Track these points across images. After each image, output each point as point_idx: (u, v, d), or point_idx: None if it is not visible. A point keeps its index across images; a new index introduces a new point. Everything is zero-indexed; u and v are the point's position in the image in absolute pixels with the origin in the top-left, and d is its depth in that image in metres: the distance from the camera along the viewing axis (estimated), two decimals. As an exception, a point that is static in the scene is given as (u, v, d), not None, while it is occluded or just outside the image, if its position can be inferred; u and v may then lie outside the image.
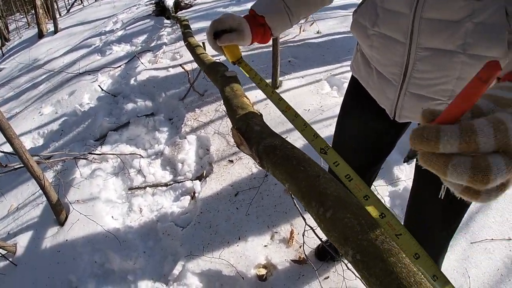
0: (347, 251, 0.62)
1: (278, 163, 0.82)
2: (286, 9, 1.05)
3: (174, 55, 4.43)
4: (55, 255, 2.41)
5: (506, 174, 0.39)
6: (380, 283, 0.55)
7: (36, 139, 3.74)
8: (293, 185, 0.76)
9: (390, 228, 0.58)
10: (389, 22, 0.91)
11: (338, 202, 0.66)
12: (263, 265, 2.05)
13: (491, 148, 0.38)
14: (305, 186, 0.72)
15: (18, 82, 5.72)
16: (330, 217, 0.65)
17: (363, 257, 0.59)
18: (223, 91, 1.30)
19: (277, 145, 0.86)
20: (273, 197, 2.36)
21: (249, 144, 0.95)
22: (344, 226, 0.63)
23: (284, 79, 3.41)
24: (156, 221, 2.47)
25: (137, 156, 3.01)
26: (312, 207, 0.70)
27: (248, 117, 1.05)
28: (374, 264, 0.57)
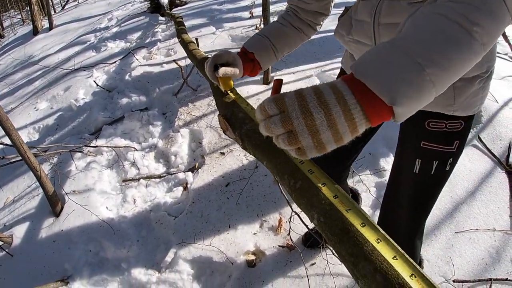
0: (313, 215, 0.71)
1: (258, 145, 0.93)
2: (272, 47, 1.24)
3: (168, 51, 4.49)
4: (51, 245, 2.48)
5: (288, 144, 0.61)
6: (339, 240, 0.64)
7: (31, 133, 3.79)
8: (269, 162, 0.87)
9: (341, 205, 0.67)
10: (358, 30, 1.09)
11: (305, 175, 0.76)
12: (252, 252, 2.13)
13: (274, 111, 0.62)
14: (280, 163, 0.82)
15: (13, 78, 5.74)
16: (299, 187, 0.75)
17: (326, 219, 0.68)
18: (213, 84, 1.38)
19: (257, 129, 0.95)
20: (262, 188, 2.44)
21: (233, 129, 1.04)
22: (311, 194, 0.73)
23: (276, 75, 3.50)
24: (149, 211, 2.54)
25: (131, 149, 3.08)
26: (284, 180, 0.80)
27: (233, 105, 1.14)
28: (335, 225, 0.66)
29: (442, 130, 1.07)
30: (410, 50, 0.58)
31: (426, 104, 0.62)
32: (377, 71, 0.59)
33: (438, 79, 0.59)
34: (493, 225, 2.04)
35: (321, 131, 0.59)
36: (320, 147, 0.61)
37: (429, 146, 1.10)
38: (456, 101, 1.01)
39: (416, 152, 1.13)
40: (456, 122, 1.06)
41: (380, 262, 0.57)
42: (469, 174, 2.32)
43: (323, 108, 0.58)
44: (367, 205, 2.27)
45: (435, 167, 1.12)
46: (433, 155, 1.11)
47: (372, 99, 0.58)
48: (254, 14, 5.03)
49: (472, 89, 1.00)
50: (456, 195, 2.21)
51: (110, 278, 2.26)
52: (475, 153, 2.46)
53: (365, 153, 2.52)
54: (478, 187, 2.24)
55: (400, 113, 0.60)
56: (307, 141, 0.60)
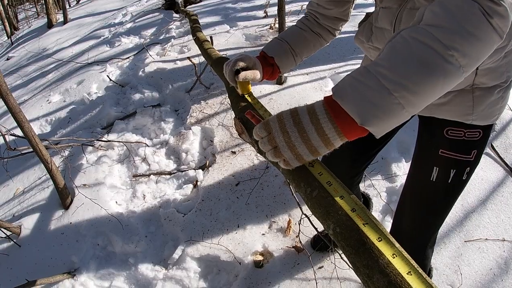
0: (329, 225, 0.70)
1: None
2: (291, 51, 1.27)
3: (182, 48, 4.50)
4: (59, 237, 2.49)
5: (275, 157, 0.74)
6: (355, 251, 0.64)
7: (43, 126, 3.82)
8: (286, 169, 0.85)
9: (359, 218, 0.67)
10: (379, 37, 1.10)
11: (323, 184, 0.75)
12: (260, 253, 2.12)
13: (264, 134, 0.75)
14: (296, 170, 0.81)
15: (27, 70, 5.80)
16: (316, 196, 0.75)
17: (342, 230, 0.68)
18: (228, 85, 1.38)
19: None
20: (272, 188, 2.43)
21: (249, 133, 1.03)
22: (327, 203, 0.73)
23: (289, 75, 3.48)
24: (158, 207, 2.55)
25: (142, 145, 3.08)
26: (301, 187, 0.80)
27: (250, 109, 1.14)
28: (351, 236, 0.66)
29: (460, 139, 1.07)
30: (380, 75, 0.63)
31: (401, 122, 0.67)
32: (351, 94, 0.66)
33: (408, 102, 0.63)
34: (502, 235, 2.02)
35: (297, 145, 0.71)
36: (299, 158, 0.73)
37: (447, 154, 1.10)
38: (475, 111, 1.02)
39: (434, 160, 1.13)
40: (475, 131, 1.06)
41: (395, 276, 0.58)
42: (480, 182, 2.29)
43: (297, 127, 0.71)
44: (378, 210, 2.24)
45: (452, 176, 1.11)
46: (451, 164, 1.10)
47: (346, 118, 0.66)
48: (269, 13, 5.02)
49: (491, 98, 1.01)
50: (467, 204, 2.19)
51: (116, 272, 2.26)
52: (487, 161, 2.43)
53: (377, 158, 2.49)
54: (489, 196, 2.21)
55: (373, 131, 0.66)
56: (288, 154, 0.73)
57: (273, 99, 3.13)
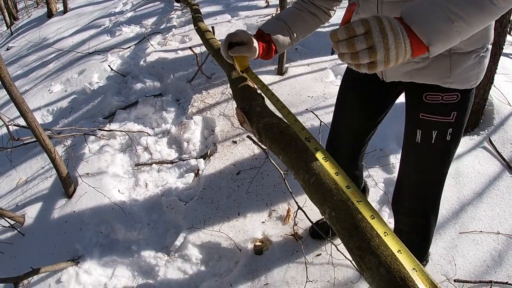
0: (325, 210, 0.75)
1: (275, 138, 0.97)
2: (288, 30, 1.31)
3: (183, 38, 4.50)
4: (63, 226, 2.54)
5: (368, 59, 0.78)
6: (349, 234, 0.69)
7: (45, 115, 3.85)
8: (285, 156, 0.90)
9: (353, 196, 0.72)
10: (364, 9, 1.19)
11: (320, 171, 0.81)
12: (260, 240, 2.16)
13: (361, 31, 0.77)
14: (295, 158, 0.86)
15: (27, 60, 5.79)
16: (313, 182, 0.79)
17: (337, 214, 0.73)
18: (230, 75, 1.40)
19: (275, 123, 1.00)
20: (273, 177, 2.46)
21: (251, 122, 1.07)
22: (324, 189, 0.77)
23: (290, 66, 3.49)
24: (160, 196, 2.59)
25: (144, 134, 3.11)
26: (299, 174, 0.84)
27: (251, 98, 1.17)
28: (345, 219, 0.71)
29: (438, 102, 1.16)
30: (446, 8, 0.77)
31: (452, 46, 0.82)
32: (421, 20, 0.79)
33: (463, 31, 0.79)
34: (497, 228, 2.04)
35: (390, 49, 0.77)
36: (386, 63, 0.79)
37: (426, 117, 1.19)
38: (452, 74, 1.10)
39: (416, 123, 1.23)
40: (452, 94, 1.14)
41: (385, 257, 0.62)
42: (477, 176, 2.31)
43: (393, 32, 0.77)
44: (375, 200, 2.28)
45: (435, 136, 1.20)
46: (432, 126, 1.19)
47: (414, 37, 0.79)
48: (270, 3, 5.01)
49: (468, 63, 1.09)
50: (463, 196, 2.21)
51: (119, 259, 2.31)
52: (485, 155, 2.45)
53: (376, 147, 2.52)
54: (485, 190, 2.24)
55: (433, 51, 0.80)
56: (381, 56, 0.77)
57: (274, 89, 3.15)
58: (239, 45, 1.20)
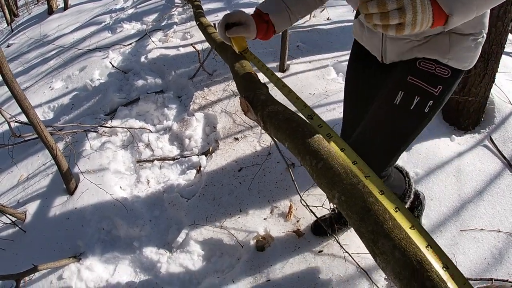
0: (334, 194, 0.73)
1: (280, 126, 0.95)
2: (286, 9, 1.29)
3: (185, 34, 4.49)
4: (64, 222, 2.53)
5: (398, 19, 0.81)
6: (360, 218, 0.67)
7: (46, 112, 3.84)
8: (291, 143, 0.89)
9: (361, 171, 0.71)
10: None
11: (328, 156, 0.79)
12: (262, 237, 2.16)
13: None
14: (301, 144, 0.84)
15: (28, 57, 5.76)
16: (321, 167, 0.78)
17: (347, 198, 0.71)
18: (233, 67, 1.40)
19: (280, 111, 0.98)
20: (274, 174, 2.46)
21: (255, 110, 1.06)
22: (332, 174, 0.76)
23: (292, 63, 3.48)
24: (162, 192, 2.59)
25: (146, 131, 3.11)
26: (306, 160, 0.83)
27: (255, 87, 1.16)
28: (356, 203, 0.69)
29: (431, 71, 1.18)
30: None
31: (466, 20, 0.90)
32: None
33: (480, 6, 0.86)
34: (498, 226, 2.04)
35: (418, 13, 0.82)
36: (413, 26, 0.84)
37: (414, 81, 1.18)
38: (452, 50, 1.14)
39: (401, 85, 1.20)
40: (445, 68, 1.17)
41: (399, 240, 0.61)
42: (478, 174, 2.31)
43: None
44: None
45: (415, 103, 1.17)
46: (416, 91, 1.18)
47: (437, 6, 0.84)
48: None
49: (465, 43, 1.14)
50: (464, 194, 2.21)
51: (121, 256, 2.31)
52: (485, 153, 2.45)
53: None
54: (486, 188, 2.23)
55: (451, 21, 0.86)
56: (409, 18, 0.82)
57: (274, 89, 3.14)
58: (236, 26, 1.19)
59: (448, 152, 2.46)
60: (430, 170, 2.35)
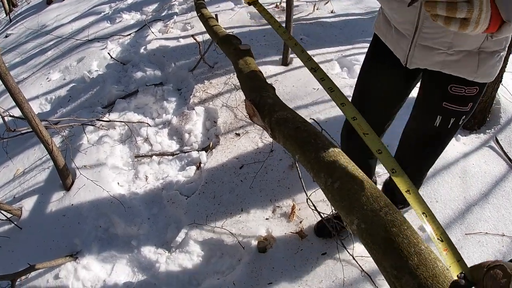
0: (352, 220, 0.65)
1: (290, 135, 0.86)
2: None
3: (185, 25, 4.38)
4: (60, 219, 2.47)
5: (466, 13, 0.76)
6: (382, 251, 0.59)
7: (43, 104, 3.75)
8: (303, 156, 0.80)
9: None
10: None
11: (345, 174, 0.70)
12: (264, 237, 2.10)
13: None
14: (314, 158, 0.75)
15: (25, 48, 5.65)
16: (338, 187, 0.69)
17: (367, 226, 0.63)
18: (237, 64, 1.31)
19: (289, 118, 0.89)
20: (277, 172, 2.39)
21: (262, 115, 0.98)
22: (351, 196, 0.67)
23: (295, 56, 3.38)
24: (161, 189, 2.51)
25: (144, 125, 3.03)
26: (320, 177, 0.74)
27: (261, 89, 1.08)
28: (377, 233, 0.61)
29: (461, 95, 1.27)
30: None
31: None
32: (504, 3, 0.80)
33: None
34: (502, 230, 2.00)
35: (483, 10, 0.78)
36: (476, 24, 0.79)
37: (448, 106, 1.31)
38: (479, 70, 1.19)
39: (438, 110, 1.34)
40: (473, 88, 1.25)
41: (425, 278, 0.55)
42: (484, 176, 2.26)
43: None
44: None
45: (452, 123, 1.35)
46: (451, 113, 1.33)
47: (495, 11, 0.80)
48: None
49: (492, 61, 1.19)
50: (469, 196, 2.17)
51: (119, 255, 2.26)
52: (491, 155, 2.40)
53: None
54: (491, 190, 2.19)
55: (506, 29, 0.83)
56: (475, 14, 0.77)
57: (278, 80, 3.06)
58: None
59: (454, 153, 2.40)
60: (436, 171, 2.28)
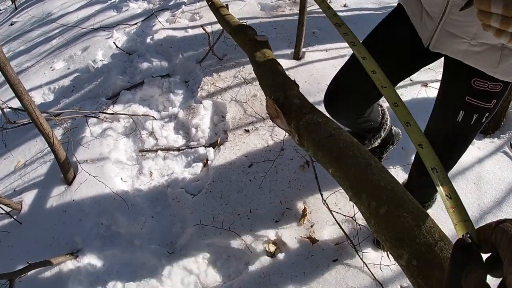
0: (401, 255, 0.53)
1: (322, 144, 0.73)
2: None
3: (194, 15, 4.25)
4: (61, 215, 2.38)
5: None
6: None
7: (46, 94, 3.65)
8: (340, 171, 0.67)
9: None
10: None
11: (393, 198, 0.58)
12: (273, 241, 2.00)
13: None
14: (354, 175, 0.63)
15: (30, 36, 5.55)
16: (384, 214, 0.56)
17: (420, 264, 0.51)
18: (254, 56, 1.19)
19: (321, 123, 0.76)
20: (288, 172, 2.27)
21: (287, 118, 0.85)
22: (400, 226, 0.54)
23: (307, 50, 3.25)
24: (166, 186, 2.41)
25: (150, 118, 2.91)
26: (361, 199, 0.61)
27: (285, 87, 0.95)
28: (432, 273, 0.49)
29: (484, 89, 1.23)
30: None
31: None
32: None
33: None
34: None
35: None
36: None
37: (472, 101, 1.27)
38: (500, 66, 1.15)
39: (461, 104, 1.30)
40: (496, 84, 1.21)
41: None
42: (498, 182, 2.17)
43: None
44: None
45: (474, 119, 1.30)
46: (474, 109, 1.28)
47: None
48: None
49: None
50: (483, 204, 2.09)
51: (121, 254, 2.17)
52: (506, 161, 2.30)
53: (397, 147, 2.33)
54: (505, 198, 2.11)
55: None
56: None
57: (290, 75, 2.92)
58: None
59: (469, 157, 2.31)
60: (451, 176, 2.16)
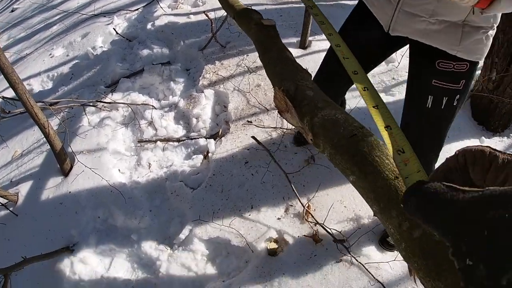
0: (438, 287, 0.43)
1: (342, 145, 0.61)
2: None
3: (196, 1, 4.11)
4: (57, 207, 2.31)
5: None
6: None
7: (45, 82, 3.56)
8: (364, 181, 0.55)
9: None
10: None
11: None
12: (275, 239, 1.91)
13: None
14: (382, 187, 0.52)
15: (31, 22, 5.45)
16: (419, 237, 0.46)
17: None
18: (260, 42, 1.08)
19: (340, 120, 0.64)
20: (291, 167, 2.17)
21: (299, 113, 0.73)
22: (439, 253, 0.43)
23: (314, 39, 3.12)
24: (165, 179, 2.32)
25: (149, 107, 2.81)
26: (391, 217, 0.50)
27: (296, 77, 0.84)
28: None
29: (450, 70, 1.23)
30: None
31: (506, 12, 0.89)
32: None
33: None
34: None
35: None
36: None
37: (438, 83, 1.26)
38: (461, 43, 1.17)
39: (428, 89, 1.29)
40: (462, 63, 1.21)
41: None
42: (507, 186, 2.04)
43: None
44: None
45: (445, 102, 1.28)
46: (443, 92, 1.27)
47: None
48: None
49: (476, 36, 1.16)
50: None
51: (118, 249, 2.10)
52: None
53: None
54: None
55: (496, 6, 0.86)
56: None
57: (295, 63, 2.81)
58: None
59: None
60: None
